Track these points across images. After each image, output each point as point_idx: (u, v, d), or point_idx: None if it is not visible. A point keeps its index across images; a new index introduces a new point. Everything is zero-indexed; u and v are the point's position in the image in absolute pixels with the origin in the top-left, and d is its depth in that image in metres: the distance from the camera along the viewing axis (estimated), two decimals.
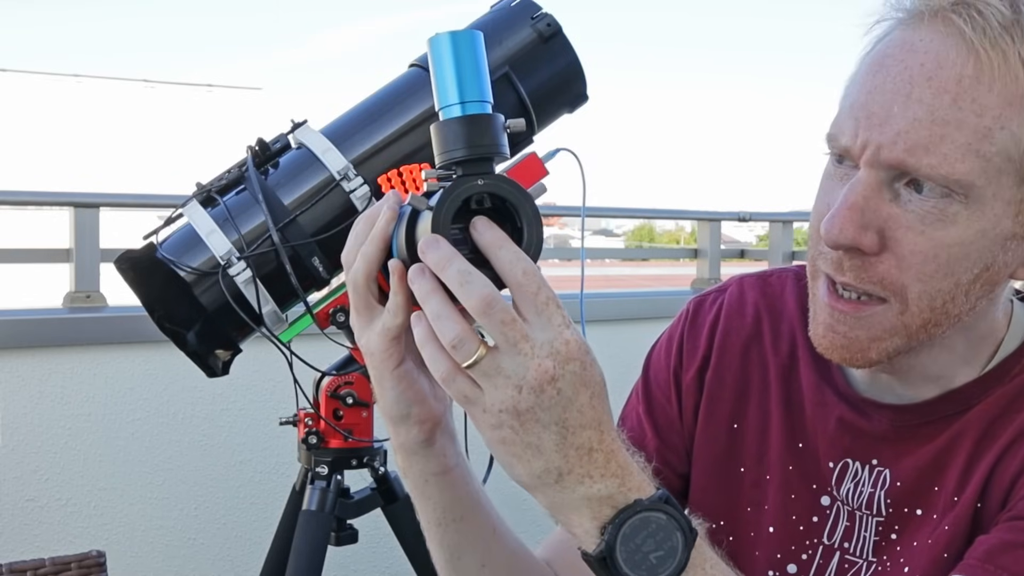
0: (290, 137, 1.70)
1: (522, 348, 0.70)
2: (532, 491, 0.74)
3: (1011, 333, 0.93)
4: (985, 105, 0.79)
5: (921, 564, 0.89)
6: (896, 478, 0.93)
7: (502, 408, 0.70)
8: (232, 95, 18.86)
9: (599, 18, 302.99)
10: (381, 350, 0.82)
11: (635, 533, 0.72)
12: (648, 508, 0.73)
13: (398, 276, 0.78)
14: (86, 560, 1.70)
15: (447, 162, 0.74)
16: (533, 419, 0.70)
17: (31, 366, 2.42)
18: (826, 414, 0.98)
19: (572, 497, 0.73)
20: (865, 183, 0.83)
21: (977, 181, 0.80)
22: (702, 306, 1.09)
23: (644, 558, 0.73)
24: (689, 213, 4.52)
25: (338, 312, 1.72)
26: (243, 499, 2.63)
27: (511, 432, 0.71)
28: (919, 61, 0.82)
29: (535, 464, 0.72)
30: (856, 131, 0.84)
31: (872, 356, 0.88)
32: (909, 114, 0.81)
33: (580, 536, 0.74)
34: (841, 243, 0.84)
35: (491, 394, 0.71)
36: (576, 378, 0.71)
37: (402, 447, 0.88)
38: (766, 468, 1.00)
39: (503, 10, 1.72)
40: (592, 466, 0.72)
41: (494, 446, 0.73)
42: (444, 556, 0.93)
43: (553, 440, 0.71)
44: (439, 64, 0.75)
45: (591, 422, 0.72)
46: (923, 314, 0.85)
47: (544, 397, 0.70)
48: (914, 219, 0.82)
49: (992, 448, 0.88)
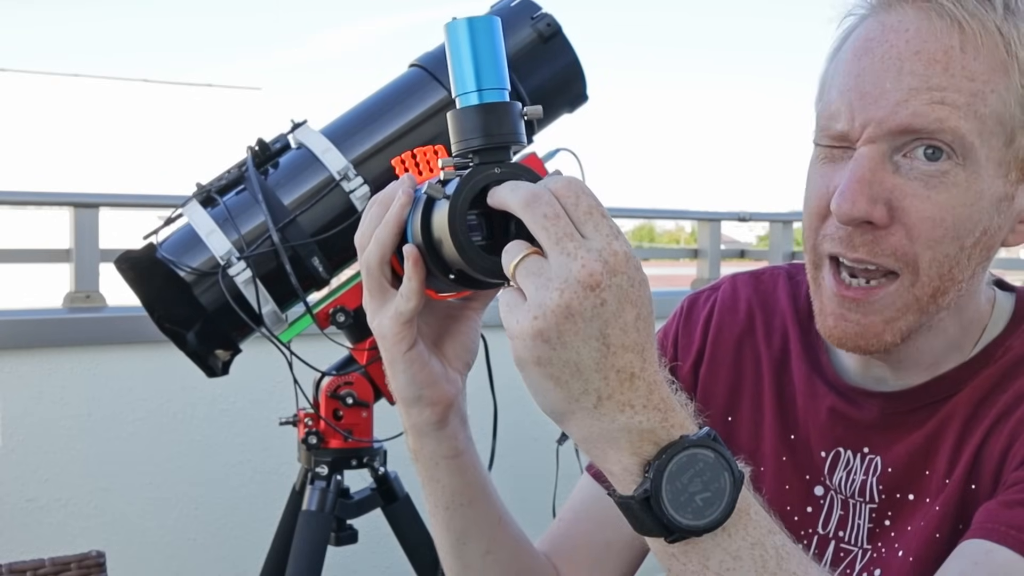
0: (290, 137, 1.71)
1: (567, 247, 0.66)
2: (567, 419, 0.69)
3: (994, 319, 0.95)
4: (974, 71, 0.83)
5: (914, 547, 0.91)
6: (887, 464, 0.94)
7: (540, 313, 0.65)
8: (232, 95, 18.87)
9: (599, 18, 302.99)
10: (393, 333, 0.82)
11: (681, 472, 0.68)
12: (696, 444, 0.68)
13: (412, 261, 0.78)
14: (86, 560, 1.70)
15: (464, 150, 0.74)
16: (573, 330, 0.65)
17: (31, 366, 2.42)
18: (817, 405, 0.99)
19: (611, 427, 0.68)
20: (869, 157, 0.85)
21: (975, 141, 0.83)
22: (696, 303, 1.11)
23: (690, 499, 0.68)
24: (689, 213, 4.52)
25: (338, 312, 1.73)
26: (243, 499, 2.63)
27: (548, 348, 0.66)
28: (904, 38, 0.85)
29: (573, 385, 0.67)
30: (852, 114, 0.86)
31: (887, 339, 0.89)
32: (903, 86, 0.84)
33: (618, 474, 0.69)
34: (855, 216, 0.85)
35: (532, 298, 0.66)
36: (622, 292, 0.66)
37: (414, 428, 0.88)
38: (760, 460, 1.01)
39: (503, 10, 1.72)
40: (634, 394, 0.67)
41: (529, 368, 0.68)
42: (450, 540, 0.94)
43: (593, 357, 0.66)
44: (456, 50, 0.74)
45: (634, 345, 0.67)
46: (933, 283, 0.87)
47: (587, 304, 0.65)
48: (918, 186, 0.84)
49: (978, 429, 0.90)
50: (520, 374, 0.69)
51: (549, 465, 2.22)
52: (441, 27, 0.76)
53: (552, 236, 0.66)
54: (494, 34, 0.75)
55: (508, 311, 0.68)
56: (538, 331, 0.66)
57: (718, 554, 0.70)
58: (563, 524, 1.07)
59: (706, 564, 0.70)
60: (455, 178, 0.74)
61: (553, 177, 0.70)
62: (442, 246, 0.76)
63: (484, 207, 0.73)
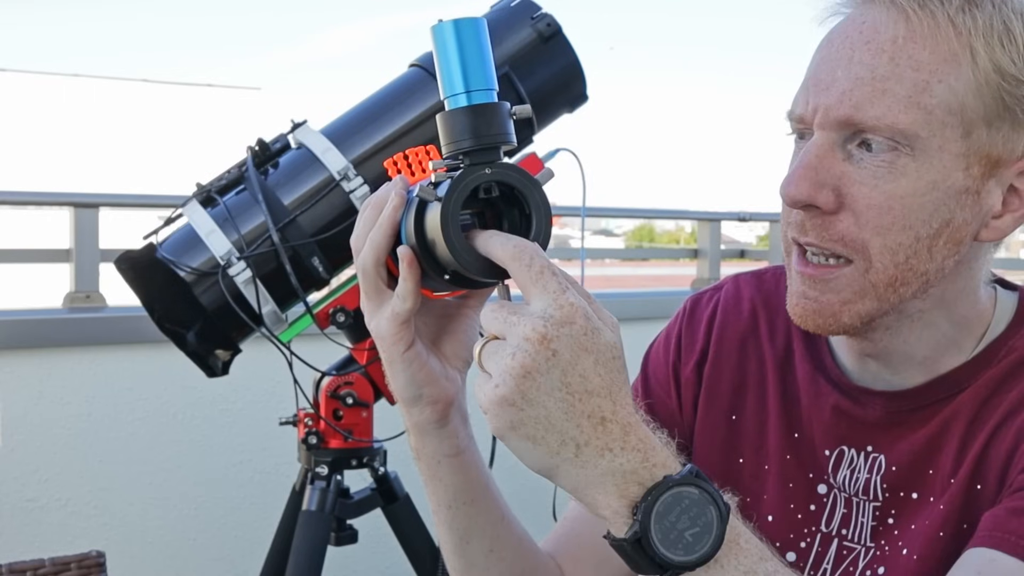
0: (290, 137, 1.71)
1: (514, 321, 0.70)
2: (555, 473, 0.72)
3: (996, 318, 0.96)
4: (920, 61, 0.85)
5: (919, 546, 0.91)
6: (891, 463, 0.95)
7: (500, 381, 0.69)
8: (231, 95, 18.86)
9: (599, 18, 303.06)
10: (391, 334, 0.83)
11: (668, 511, 0.70)
12: (679, 483, 0.71)
13: (407, 263, 0.79)
14: (86, 560, 1.70)
15: (455, 152, 0.75)
16: (534, 387, 0.68)
17: (31, 366, 2.42)
18: (821, 403, 1.00)
19: (594, 473, 0.70)
20: (819, 144, 0.88)
21: (921, 132, 0.84)
22: (699, 303, 1.12)
23: (680, 536, 0.70)
24: (689, 213, 4.53)
25: (338, 312, 1.73)
26: (243, 499, 2.63)
27: (516, 411, 0.69)
28: (858, 30, 0.88)
29: (550, 439, 0.70)
30: (807, 99, 0.89)
31: (845, 320, 0.90)
32: (851, 74, 0.86)
33: (609, 518, 0.72)
34: (798, 199, 0.88)
35: (493, 371, 0.70)
36: (574, 341, 0.69)
37: (416, 427, 0.89)
38: (764, 458, 1.02)
39: (503, 10, 1.72)
40: (609, 438, 0.70)
41: (507, 435, 0.71)
42: (453, 539, 0.94)
43: (561, 408, 0.69)
44: (443, 53, 0.75)
45: (599, 389, 0.70)
46: (888, 271, 0.88)
47: (540, 359, 0.68)
48: (866, 175, 0.86)
49: (984, 429, 0.90)
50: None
51: None
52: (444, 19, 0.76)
53: (503, 320, 0.70)
54: (480, 35, 0.75)
55: (477, 391, 0.72)
56: (501, 397, 0.69)
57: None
58: (567, 523, 1.07)
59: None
60: (446, 180, 0.74)
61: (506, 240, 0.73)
62: (436, 247, 0.76)
63: (476, 207, 0.75)
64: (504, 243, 0.72)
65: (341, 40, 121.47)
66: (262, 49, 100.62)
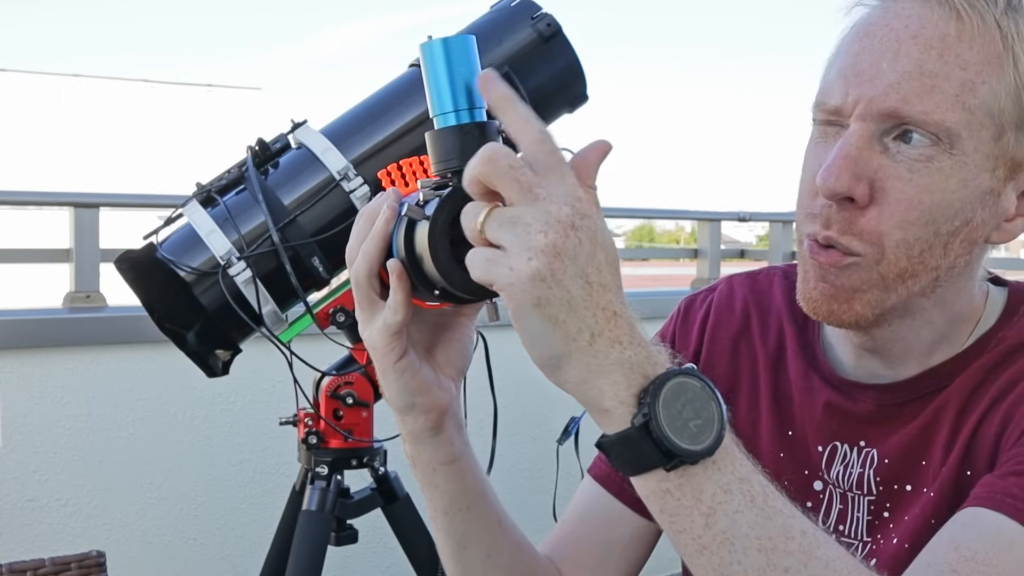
0: (290, 137, 1.71)
1: (538, 193, 0.67)
2: (564, 361, 0.70)
3: (987, 313, 0.96)
4: (968, 60, 0.85)
5: (909, 534, 0.92)
6: (884, 456, 0.95)
7: (533, 255, 0.66)
8: (232, 95, 18.86)
9: (599, 18, 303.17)
10: (383, 344, 0.83)
11: (675, 398, 0.70)
12: (682, 374, 0.71)
13: (397, 275, 0.79)
14: (86, 560, 1.70)
15: (443, 171, 0.75)
16: (562, 269, 0.67)
17: (31, 366, 2.42)
18: (813, 400, 1.00)
19: (605, 363, 0.69)
20: (858, 135, 0.87)
21: (963, 132, 0.85)
22: (693, 304, 1.12)
23: (685, 424, 0.70)
24: (689, 213, 4.53)
25: (338, 312, 1.72)
26: (243, 499, 2.63)
27: (545, 288, 0.67)
28: (903, 23, 0.87)
29: (570, 324, 0.68)
30: (846, 90, 0.88)
31: (857, 308, 0.90)
32: (899, 68, 0.85)
33: (613, 408, 0.70)
34: (837, 191, 0.86)
35: (519, 244, 0.67)
36: (592, 235, 0.68)
37: (410, 435, 0.89)
38: (759, 457, 1.01)
39: (503, 10, 1.72)
40: (619, 330, 0.69)
41: (529, 313, 0.68)
42: (451, 545, 0.94)
43: (581, 295, 0.68)
44: (432, 71, 0.75)
45: (610, 284, 0.69)
46: (900, 262, 0.88)
47: (570, 244, 0.67)
48: (903, 168, 0.86)
49: (972, 416, 0.91)
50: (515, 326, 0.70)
51: (549, 465, 2.22)
52: (441, 27, 0.76)
53: (523, 185, 0.67)
54: (469, 54, 0.75)
55: (492, 264, 0.68)
56: (535, 271, 0.67)
57: (710, 487, 0.71)
58: (566, 526, 1.07)
59: (699, 498, 0.71)
60: (435, 199, 0.74)
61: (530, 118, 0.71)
62: (424, 264, 0.76)
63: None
64: (529, 120, 0.70)
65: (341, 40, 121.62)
66: (262, 49, 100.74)
